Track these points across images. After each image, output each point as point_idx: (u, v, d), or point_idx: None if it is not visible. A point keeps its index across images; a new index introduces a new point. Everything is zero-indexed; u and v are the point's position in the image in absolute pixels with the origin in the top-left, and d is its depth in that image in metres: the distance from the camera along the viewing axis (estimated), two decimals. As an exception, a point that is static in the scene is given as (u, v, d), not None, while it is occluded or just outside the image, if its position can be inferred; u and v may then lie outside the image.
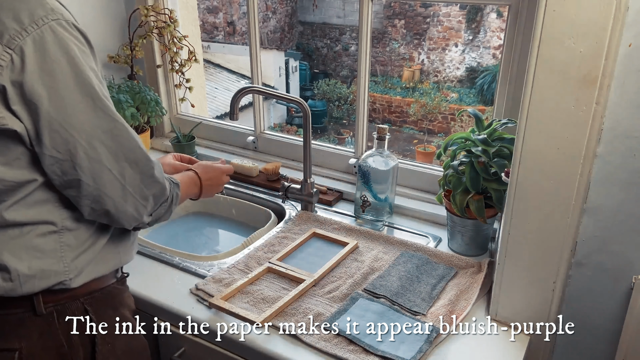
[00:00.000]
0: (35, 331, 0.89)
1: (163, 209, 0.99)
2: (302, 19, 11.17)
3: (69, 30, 0.82)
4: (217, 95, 7.13)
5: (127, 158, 0.88)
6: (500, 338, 1.07)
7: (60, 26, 0.80)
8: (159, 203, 0.97)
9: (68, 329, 0.92)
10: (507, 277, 1.06)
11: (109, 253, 0.97)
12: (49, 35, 0.79)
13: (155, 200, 0.95)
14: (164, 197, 0.97)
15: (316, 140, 1.73)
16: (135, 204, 0.91)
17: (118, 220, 0.92)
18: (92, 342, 0.94)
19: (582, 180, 0.93)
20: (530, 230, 1.00)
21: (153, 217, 0.98)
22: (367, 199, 1.46)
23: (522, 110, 0.93)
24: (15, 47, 0.78)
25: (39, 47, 0.78)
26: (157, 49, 1.89)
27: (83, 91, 0.81)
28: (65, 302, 0.91)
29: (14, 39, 0.78)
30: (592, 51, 0.84)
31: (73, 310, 0.92)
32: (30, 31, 0.79)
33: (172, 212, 1.03)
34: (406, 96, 9.37)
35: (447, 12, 9.55)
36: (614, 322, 1.03)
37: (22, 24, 0.79)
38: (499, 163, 1.20)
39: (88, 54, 0.84)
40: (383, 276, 1.21)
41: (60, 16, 0.81)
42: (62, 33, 0.80)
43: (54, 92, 0.79)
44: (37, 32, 0.79)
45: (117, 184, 0.88)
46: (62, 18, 0.81)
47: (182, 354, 1.14)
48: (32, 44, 0.78)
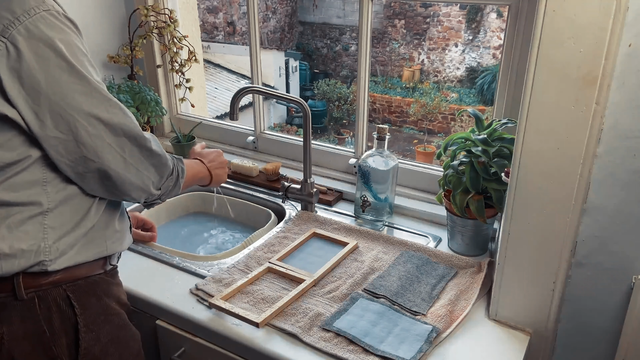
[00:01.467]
0: (17, 316, 0.90)
1: (171, 182, 1.05)
2: (302, 19, 11.17)
3: (60, 19, 0.86)
4: (217, 95, 7.13)
5: (125, 133, 0.92)
6: (500, 338, 1.07)
7: (51, 15, 0.84)
8: (163, 175, 1.02)
9: (49, 314, 0.92)
10: (507, 277, 1.06)
11: (95, 239, 0.97)
12: (41, 23, 0.83)
13: (158, 171, 1.00)
14: (167, 168, 1.02)
15: (316, 140, 1.73)
16: (139, 175, 0.96)
17: (126, 192, 0.97)
18: (75, 330, 0.94)
19: (582, 180, 0.93)
20: (530, 230, 1.00)
21: (162, 190, 1.04)
22: (367, 199, 1.46)
23: (522, 110, 0.93)
24: (8, 36, 0.81)
25: (32, 35, 0.82)
26: (157, 49, 1.89)
27: (77, 74, 0.85)
28: (46, 288, 0.92)
29: (7, 28, 0.81)
30: (592, 51, 0.84)
31: (54, 296, 0.93)
32: (23, 20, 0.82)
33: (180, 185, 1.10)
34: (406, 96, 9.37)
35: (447, 12, 9.56)
36: (614, 322, 1.03)
37: (15, 13, 0.82)
38: (499, 163, 1.20)
39: (80, 41, 0.88)
40: (383, 276, 1.21)
41: (51, 7, 0.85)
42: (53, 21, 0.84)
43: (51, 76, 0.83)
44: (29, 20, 0.82)
45: (119, 158, 0.92)
46: (53, 9, 0.85)
47: (182, 354, 1.14)
48: (25, 32, 0.82)
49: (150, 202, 1.07)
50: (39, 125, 0.85)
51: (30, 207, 0.89)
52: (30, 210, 0.89)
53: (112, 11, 1.85)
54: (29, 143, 0.87)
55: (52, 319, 0.92)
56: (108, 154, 0.90)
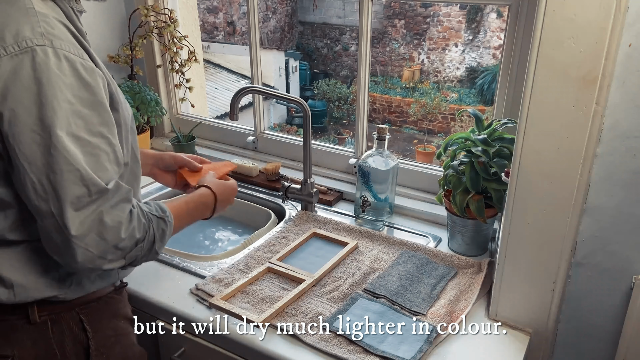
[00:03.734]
0: (29, 339, 0.89)
1: (139, 251, 0.87)
2: (302, 19, 11.17)
3: (52, 59, 0.77)
4: (217, 95, 7.13)
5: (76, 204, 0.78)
6: (500, 338, 1.07)
7: (43, 53, 0.76)
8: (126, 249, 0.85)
9: (62, 338, 0.91)
10: (507, 277, 1.06)
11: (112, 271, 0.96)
12: (28, 61, 0.75)
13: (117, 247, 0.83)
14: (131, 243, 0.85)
15: (316, 140, 1.73)
16: (87, 254, 0.80)
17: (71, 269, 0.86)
18: (86, 353, 0.94)
19: (582, 180, 0.93)
20: (530, 230, 1.00)
21: (126, 260, 0.86)
22: (367, 199, 1.46)
23: (522, 110, 0.93)
24: None
25: (14, 69, 0.75)
26: (157, 49, 1.89)
27: (43, 122, 0.76)
28: (60, 312, 0.91)
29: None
30: (592, 51, 0.84)
31: (67, 320, 0.92)
32: (10, 52, 0.75)
33: (157, 251, 0.91)
34: (406, 96, 9.37)
35: (447, 12, 9.56)
36: (614, 322, 1.03)
37: (4, 42, 0.76)
38: (499, 163, 1.20)
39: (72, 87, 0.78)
40: (383, 276, 1.21)
41: (49, 43, 0.77)
42: (42, 61, 0.76)
43: (15, 116, 0.75)
44: (17, 54, 0.75)
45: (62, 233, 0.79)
46: (50, 45, 0.77)
47: (182, 354, 1.14)
48: (8, 64, 0.75)
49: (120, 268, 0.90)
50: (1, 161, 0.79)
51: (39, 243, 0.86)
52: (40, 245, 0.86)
53: (112, 11, 1.85)
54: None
55: (64, 342, 0.91)
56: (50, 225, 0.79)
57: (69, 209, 0.78)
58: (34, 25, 0.78)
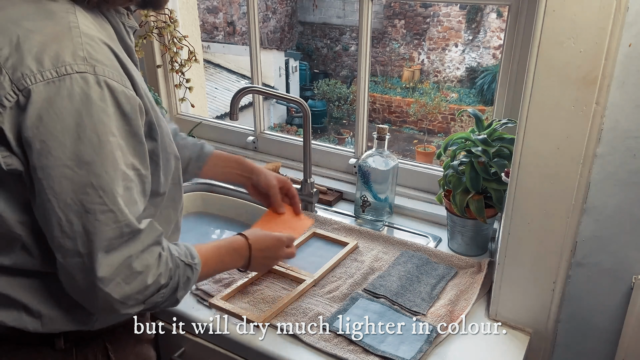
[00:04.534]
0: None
1: (160, 297, 0.82)
2: (302, 19, 11.17)
3: (94, 87, 0.70)
4: (217, 95, 7.13)
5: (106, 245, 0.74)
6: (500, 338, 1.07)
7: (83, 80, 0.70)
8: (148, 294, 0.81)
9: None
10: (507, 277, 1.07)
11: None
12: (65, 88, 0.69)
13: (140, 293, 0.79)
14: (155, 286, 0.81)
15: (316, 140, 1.73)
16: (107, 298, 0.76)
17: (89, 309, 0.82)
18: None
19: (582, 180, 0.93)
20: (530, 230, 1.00)
21: (146, 305, 0.81)
22: (367, 199, 1.46)
23: (522, 110, 0.93)
24: (23, 90, 0.69)
25: (49, 98, 0.69)
26: (157, 49, 1.89)
27: (80, 159, 0.70)
28: (85, 339, 0.89)
29: (25, 79, 0.69)
30: (592, 51, 0.84)
31: (93, 347, 0.90)
32: (47, 77, 0.69)
33: (178, 299, 0.87)
34: (406, 96, 9.37)
35: (447, 12, 9.56)
36: (614, 322, 1.03)
37: (41, 66, 0.69)
38: (499, 163, 1.20)
39: (111, 119, 0.72)
40: (383, 276, 1.21)
41: (91, 69, 0.71)
42: (82, 89, 0.70)
43: (46, 149, 0.69)
44: (54, 81, 0.69)
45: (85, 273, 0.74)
46: (92, 72, 0.70)
47: (182, 354, 1.14)
48: (43, 92, 0.69)
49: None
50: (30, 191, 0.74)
51: None
52: None
53: (112, 11, 1.84)
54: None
55: None
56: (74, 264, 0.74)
57: (100, 251, 0.73)
58: (76, 48, 0.71)
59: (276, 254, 1.09)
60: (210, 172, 1.24)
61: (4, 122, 0.70)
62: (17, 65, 0.69)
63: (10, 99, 0.69)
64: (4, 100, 0.69)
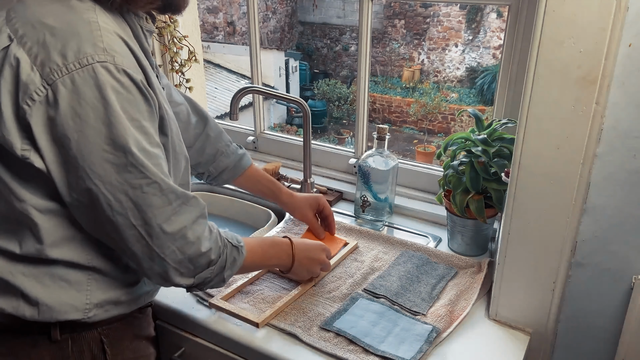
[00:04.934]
0: (48, 356, 0.88)
1: (209, 273, 0.90)
2: (302, 19, 11.18)
3: (115, 75, 0.75)
4: (217, 95, 7.13)
5: (157, 217, 0.80)
6: (500, 338, 1.07)
7: (105, 69, 0.74)
8: (200, 267, 0.88)
9: (81, 358, 0.90)
10: (507, 277, 1.06)
11: (137, 295, 0.95)
12: (90, 77, 0.74)
13: (193, 262, 0.86)
14: (205, 261, 0.88)
15: (316, 140, 1.73)
16: (163, 264, 0.84)
17: (145, 276, 0.89)
18: None
19: (582, 180, 0.93)
20: (530, 230, 1.00)
21: (195, 280, 0.89)
22: (367, 199, 1.46)
23: (522, 110, 0.93)
24: (52, 84, 0.73)
25: (76, 89, 0.73)
26: (157, 49, 1.89)
27: (115, 142, 0.75)
28: (81, 331, 0.90)
29: (53, 74, 0.73)
30: (592, 51, 0.84)
31: (88, 340, 0.90)
32: (71, 69, 0.73)
33: (225, 278, 0.94)
34: (406, 96, 9.38)
35: (447, 12, 9.56)
36: (614, 322, 1.03)
37: (66, 59, 0.74)
38: (499, 163, 1.20)
39: (135, 102, 0.78)
40: (383, 276, 1.21)
41: (110, 59, 0.75)
42: (104, 77, 0.74)
43: (84, 137, 0.74)
44: (79, 71, 0.73)
45: (143, 242, 0.81)
46: (112, 62, 0.75)
47: (182, 354, 1.14)
48: (70, 84, 0.73)
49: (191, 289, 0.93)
50: (64, 187, 0.77)
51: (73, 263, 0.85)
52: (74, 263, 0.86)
53: (112, 11, 1.84)
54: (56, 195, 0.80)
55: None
56: (130, 235, 0.80)
57: (154, 220, 0.80)
58: (96, 40, 0.75)
59: (319, 256, 1.15)
60: (242, 185, 1.32)
61: (32, 116, 0.74)
62: (45, 61, 0.74)
63: (40, 93, 0.74)
64: (34, 94, 0.74)
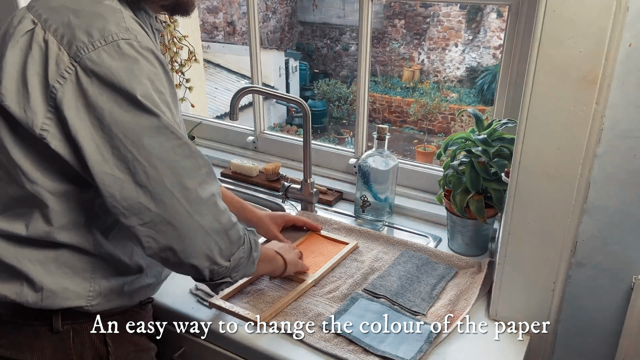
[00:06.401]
0: (49, 347, 0.89)
1: (243, 253, 0.91)
2: (302, 19, 11.17)
3: (139, 51, 0.78)
4: (217, 95, 7.13)
5: (192, 180, 0.81)
6: (500, 338, 1.07)
7: (129, 45, 0.78)
8: (234, 242, 0.88)
9: (82, 349, 0.91)
10: (507, 277, 1.06)
11: (140, 287, 0.95)
12: (116, 52, 0.77)
13: (228, 235, 0.86)
14: (237, 234, 0.88)
15: (316, 140, 1.73)
16: (205, 237, 0.83)
17: (185, 259, 0.83)
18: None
19: (582, 180, 0.93)
20: (530, 230, 1.00)
21: (232, 262, 0.88)
22: (367, 199, 1.46)
23: (522, 110, 0.93)
24: (80, 61, 0.76)
25: (103, 62, 0.76)
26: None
27: (146, 107, 0.77)
28: (83, 322, 0.90)
29: (80, 51, 0.76)
30: (592, 51, 0.84)
31: (89, 332, 0.91)
32: (97, 46, 0.77)
33: (255, 262, 0.95)
34: (406, 96, 9.37)
35: (447, 12, 9.56)
36: (614, 322, 1.03)
37: (92, 37, 0.77)
38: (499, 163, 1.20)
39: (159, 77, 0.80)
40: (383, 276, 1.21)
41: (133, 37, 0.79)
42: (129, 51, 0.77)
43: (117, 106, 0.76)
44: (105, 47, 0.77)
45: (182, 210, 0.80)
46: (135, 39, 0.79)
47: (182, 354, 1.14)
48: (97, 59, 0.76)
49: (218, 281, 0.91)
50: (98, 160, 0.77)
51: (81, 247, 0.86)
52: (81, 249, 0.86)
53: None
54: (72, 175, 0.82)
55: (83, 354, 0.91)
56: (168, 203, 0.79)
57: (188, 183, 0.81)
58: (119, 22, 0.80)
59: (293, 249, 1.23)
60: None
61: (64, 94, 0.77)
62: (72, 40, 0.77)
63: (69, 71, 0.77)
64: (64, 72, 0.77)
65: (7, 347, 0.88)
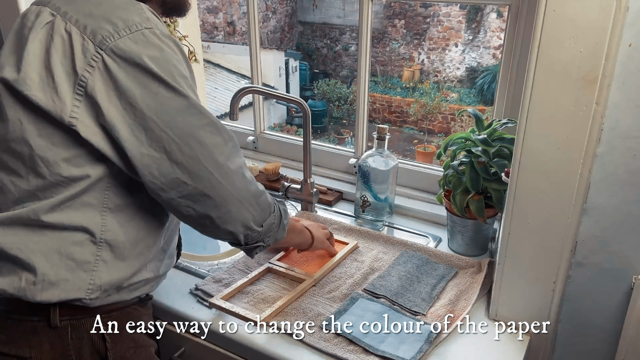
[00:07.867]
0: (47, 343, 0.88)
1: (274, 219, 0.98)
2: (302, 19, 11.17)
3: (162, 39, 0.83)
4: (217, 95, 7.13)
5: (222, 155, 0.87)
6: (500, 338, 1.07)
7: (152, 34, 0.82)
8: (265, 209, 0.95)
9: (80, 345, 0.90)
10: (507, 277, 1.06)
11: (138, 280, 0.95)
12: (140, 40, 0.81)
13: (259, 203, 0.93)
14: (267, 202, 0.95)
15: (316, 140, 1.73)
16: (238, 204, 0.89)
17: (224, 224, 0.90)
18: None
19: (582, 180, 0.93)
20: (530, 230, 1.00)
21: (264, 227, 0.96)
22: (367, 199, 1.46)
23: (522, 110, 0.93)
24: (105, 49, 0.80)
25: (130, 49, 0.80)
26: (157, 49, 1.89)
27: (173, 90, 0.82)
28: (81, 318, 0.90)
29: (106, 40, 0.80)
30: (592, 51, 0.84)
31: (88, 328, 0.91)
32: (122, 35, 0.81)
33: (285, 228, 1.03)
34: (406, 96, 9.37)
35: (447, 12, 9.56)
36: (614, 322, 1.03)
37: (116, 26, 0.81)
38: (499, 163, 1.20)
39: (182, 63, 0.85)
40: (383, 276, 1.21)
41: (155, 26, 0.83)
42: (153, 39, 0.82)
43: (147, 90, 0.81)
44: (130, 36, 0.81)
45: (216, 183, 0.86)
46: (156, 28, 0.84)
47: (182, 354, 1.14)
48: (123, 46, 0.80)
49: (252, 245, 0.98)
50: (134, 142, 0.82)
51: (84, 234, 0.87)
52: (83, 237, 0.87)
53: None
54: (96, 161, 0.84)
55: (82, 350, 0.91)
56: (203, 177, 0.85)
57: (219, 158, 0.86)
58: (140, 14, 0.84)
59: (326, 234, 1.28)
60: None
61: (95, 82, 0.80)
62: (96, 29, 0.81)
63: (96, 59, 0.80)
64: (92, 61, 0.80)
65: (5, 343, 0.89)
